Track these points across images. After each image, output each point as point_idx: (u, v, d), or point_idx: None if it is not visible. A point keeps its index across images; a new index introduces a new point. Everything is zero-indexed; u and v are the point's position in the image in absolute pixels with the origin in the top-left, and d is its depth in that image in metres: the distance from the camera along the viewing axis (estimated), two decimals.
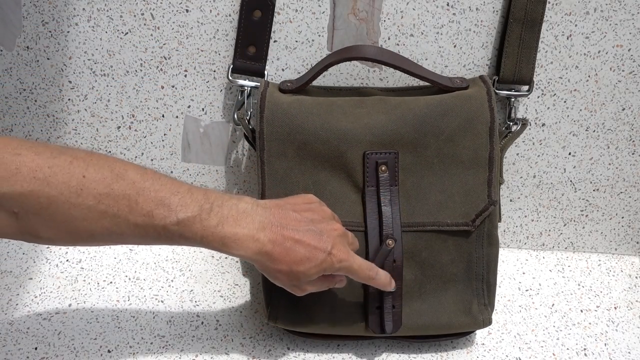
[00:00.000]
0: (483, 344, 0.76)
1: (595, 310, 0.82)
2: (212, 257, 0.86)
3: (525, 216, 0.88)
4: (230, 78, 0.78)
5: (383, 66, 0.78)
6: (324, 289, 0.65)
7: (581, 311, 0.81)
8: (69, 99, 0.83)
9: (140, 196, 0.56)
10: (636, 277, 0.87)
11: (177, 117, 0.83)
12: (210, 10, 0.77)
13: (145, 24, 0.78)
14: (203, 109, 0.83)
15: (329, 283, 0.65)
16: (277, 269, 0.60)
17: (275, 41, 0.78)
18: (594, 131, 0.82)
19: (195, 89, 0.81)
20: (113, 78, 0.81)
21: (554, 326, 0.79)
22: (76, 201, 0.54)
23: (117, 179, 0.55)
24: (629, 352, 0.76)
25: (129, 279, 0.82)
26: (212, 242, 0.58)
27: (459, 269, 0.71)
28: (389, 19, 0.76)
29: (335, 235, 0.62)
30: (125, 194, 0.55)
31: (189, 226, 0.57)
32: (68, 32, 0.79)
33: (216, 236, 0.58)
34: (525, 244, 0.90)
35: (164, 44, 0.79)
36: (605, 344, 0.77)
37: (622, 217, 0.88)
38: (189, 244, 0.58)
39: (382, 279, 0.66)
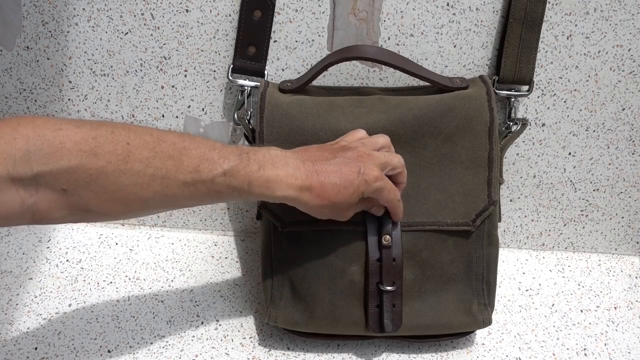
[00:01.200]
0: (483, 344, 0.76)
1: (595, 310, 0.82)
2: (212, 257, 0.86)
3: (525, 216, 0.88)
4: (230, 78, 0.78)
5: (383, 66, 0.78)
6: (366, 208, 0.67)
7: (581, 311, 0.81)
8: (69, 99, 0.83)
9: (184, 155, 0.56)
10: (636, 277, 0.87)
11: (177, 117, 0.83)
12: (210, 10, 0.77)
13: (145, 24, 0.78)
14: (203, 109, 0.83)
15: (368, 203, 0.67)
16: (319, 204, 0.61)
17: (275, 41, 0.78)
18: (594, 131, 0.82)
19: (195, 89, 0.81)
20: (113, 78, 0.81)
21: (554, 326, 0.79)
22: (125, 167, 0.54)
23: (158, 142, 0.56)
24: (629, 352, 0.76)
25: (129, 279, 0.82)
26: (258, 186, 0.59)
27: (459, 269, 0.71)
28: (389, 19, 0.76)
29: (363, 158, 0.63)
30: (169, 155, 0.56)
31: (234, 175, 0.58)
32: (68, 32, 0.79)
33: (261, 180, 0.59)
34: (525, 244, 0.90)
35: (164, 44, 0.79)
36: (605, 344, 0.77)
37: (622, 217, 0.88)
38: (235, 194, 0.59)
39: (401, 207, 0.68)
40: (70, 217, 0.56)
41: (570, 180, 0.85)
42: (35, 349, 0.72)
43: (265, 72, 0.78)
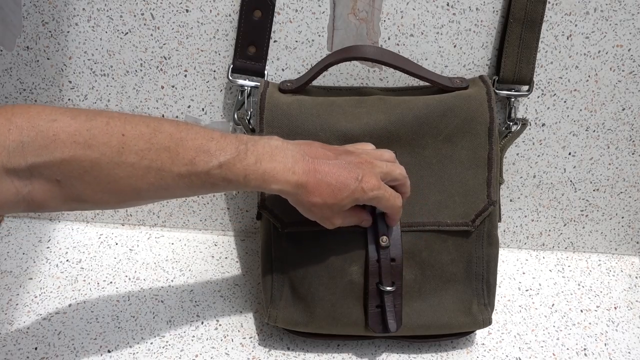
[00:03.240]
0: (483, 344, 0.76)
1: (595, 310, 0.82)
2: (212, 257, 0.86)
3: (525, 216, 0.88)
4: (230, 78, 0.78)
5: (383, 66, 0.78)
6: (352, 223, 0.66)
7: (581, 311, 0.81)
8: (69, 99, 0.83)
9: (180, 146, 0.56)
10: (636, 277, 0.87)
11: (177, 117, 0.83)
12: (210, 10, 0.77)
13: (145, 24, 0.78)
14: (203, 109, 0.83)
15: (357, 218, 0.66)
16: (311, 201, 0.61)
17: (275, 41, 0.78)
18: (594, 131, 0.82)
19: (195, 89, 0.81)
20: (113, 78, 0.81)
21: (554, 326, 0.79)
22: (119, 160, 0.54)
23: (155, 133, 0.56)
24: (629, 352, 0.76)
25: (129, 279, 0.82)
26: (254, 179, 0.58)
27: (458, 269, 0.71)
28: (389, 19, 0.76)
29: (364, 165, 0.63)
30: (165, 147, 0.56)
31: (230, 168, 0.57)
32: (68, 32, 0.79)
33: (257, 173, 0.58)
34: (525, 244, 0.90)
35: (164, 44, 0.79)
36: (605, 344, 0.77)
37: (622, 217, 0.88)
38: (231, 186, 0.59)
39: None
40: (65, 206, 0.56)
41: (570, 180, 0.85)
42: (35, 349, 0.72)
43: (265, 72, 0.78)
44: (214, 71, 0.80)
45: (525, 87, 0.78)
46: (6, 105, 0.54)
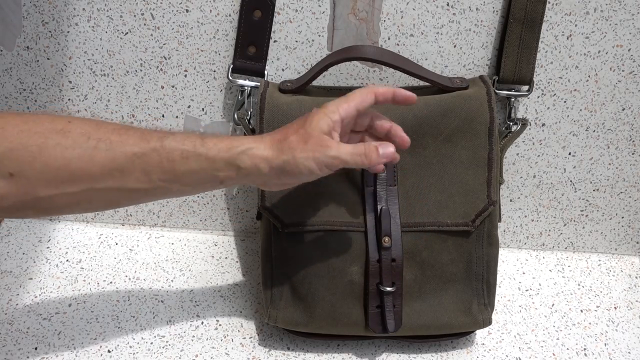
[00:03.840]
0: (483, 344, 0.76)
1: (595, 310, 0.82)
2: (212, 257, 0.86)
3: (525, 216, 0.88)
4: (230, 78, 0.78)
5: (383, 66, 0.78)
6: (366, 152, 0.58)
7: (581, 311, 0.81)
8: (69, 99, 0.83)
9: (130, 130, 0.56)
10: (636, 277, 0.87)
11: (177, 117, 0.83)
12: (210, 10, 0.77)
13: (145, 24, 0.78)
14: (203, 109, 0.83)
15: (365, 145, 0.58)
16: (282, 137, 0.57)
17: (275, 41, 0.78)
18: (594, 131, 0.82)
19: (195, 89, 0.81)
20: (113, 78, 0.81)
21: (554, 326, 0.79)
22: (65, 142, 0.54)
23: (100, 122, 0.57)
24: (629, 352, 0.76)
25: (129, 279, 0.82)
26: (214, 143, 0.56)
27: (458, 269, 0.71)
28: (389, 19, 0.76)
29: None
30: (112, 129, 0.56)
31: (186, 136, 0.56)
32: (68, 32, 0.79)
33: (215, 139, 0.57)
34: (525, 244, 0.90)
35: (164, 44, 0.79)
36: (605, 344, 0.77)
37: (622, 217, 0.88)
38: (192, 162, 0.56)
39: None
40: (21, 206, 0.55)
41: (570, 180, 0.85)
42: (35, 349, 0.72)
43: (265, 72, 0.78)
44: (214, 71, 0.80)
45: (525, 87, 0.78)
46: None
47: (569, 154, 0.83)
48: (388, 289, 0.68)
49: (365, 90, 0.60)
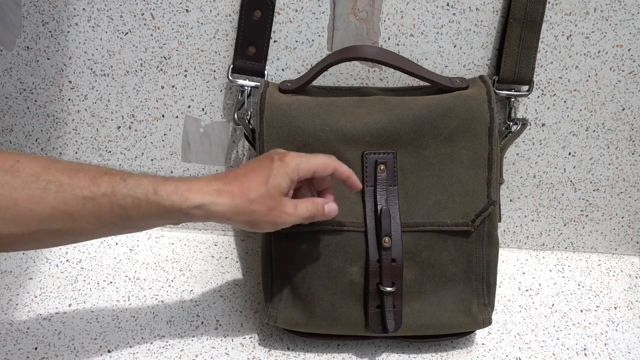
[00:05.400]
0: (483, 344, 0.76)
1: (595, 310, 0.82)
2: (212, 257, 0.86)
3: (525, 216, 0.88)
4: (230, 78, 0.78)
5: (383, 66, 0.78)
6: (310, 210, 0.61)
7: (581, 311, 0.81)
8: (69, 99, 0.83)
9: (80, 171, 0.55)
10: (636, 277, 0.87)
11: (177, 117, 0.83)
12: (210, 10, 0.77)
13: (145, 24, 0.78)
14: (203, 109, 0.83)
15: (311, 202, 0.62)
16: (244, 200, 0.57)
17: (275, 41, 0.78)
18: (594, 131, 0.82)
19: (195, 89, 0.81)
20: (113, 78, 0.81)
21: (554, 326, 0.79)
22: (14, 182, 0.52)
23: (51, 161, 0.55)
24: (629, 352, 0.76)
25: (129, 279, 0.82)
26: (167, 193, 0.55)
27: (459, 269, 0.71)
28: (389, 19, 0.76)
29: (276, 153, 0.61)
30: (63, 168, 0.54)
31: (138, 183, 0.55)
32: (68, 32, 0.79)
33: (168, 187, 0.55)
34: (525, 244, 0.90)
35: (164, 44, 0.79)
36: (605, 344, 0.77)
37: (622, 217, 0.88)
38: (143, 210, 0.55)
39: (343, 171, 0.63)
40: None
41: (570, 180, 0.85)
42: (35, 349, 0.72)
43: (265, 72, 0.78)
44: (214, 71, 0.80)
45: (525, 87, 0.78)
46: None
47: (569, 154, 0.83)
48: (388, 289, 0.68)
49: (327, 160, 0.62)
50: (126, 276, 0.82)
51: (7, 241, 0.54)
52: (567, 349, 0.76)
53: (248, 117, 0.78)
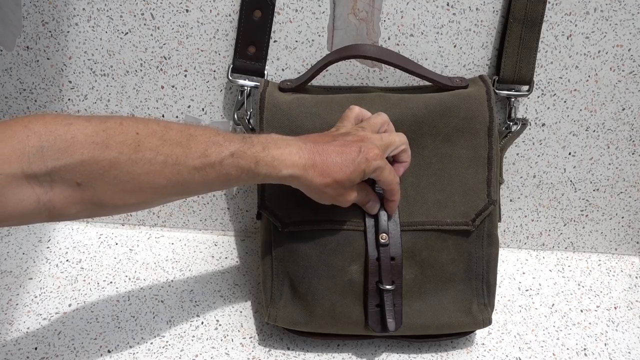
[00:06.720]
0: (483, 344, 0.76)
1: (595, 310, 0.82)
2: (212, 257, 0.86)
3: (525, 216, 0.88)
4: (230, 78, 0.78)
5: (383, 66, 0.78)
6: (365, 199, 0.67)
7: (581, 311, 0.81)
8: (69, 99, 0.83)
9: (191, 141, 0.57)
10: (636, 277, 0.87)
11: (177, 117, 0.83)
12: (210, 10, 0.77)
13: (145, 24, 0.78)
14: (203, 109, 0.83)
15: (366, 193, 0.67)
16: (323, 182, 0.62)
17: (275, 41, 0.78)
18: (594, 131, 0.82)
19: (195, 89, 0.81)
20: (113, 78, 0.81)
21: (554, 326, 0.79)
22: (136, 157, 0.55)
23: (166, 129, 0.57)
24: (629, 352, 0.76)
25: (129, 279, 0.82)
26: (265, 165, 0.59)
27: (458, 269, 0.71)
28: (389, 19, 0.76)
29: (362, 140, 0.64)
30: (177, 141, 0.57)
31: (241, 155, 0.59)
32: (68, 32, 0.79)
33: (267, 159, 0.59)
34: (525, 244, 0.90)
35: (164, 44, 0.79)
36: (605, 344, 0.77)
37: (622, 217, 0.88)
38: (243, 176, 0.59)
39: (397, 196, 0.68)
40: (86, 212, 0.56)
41: (570, 180, 0.85)
42: (35, 349, 0.72)
43: (265, 72, 0.79)
44: (214, 71, 0.80)
45: (525, 87, 0.78)
46: (21, 116, 0.55)
47: (569, 154, 0.83)
48: (388, 287, 0.68)
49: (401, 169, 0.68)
50: (126, 276, 0.82)
51: (123, 208, 0.58)
52: (567, 349, 0.76)
53: (248, 117, 0.78)
